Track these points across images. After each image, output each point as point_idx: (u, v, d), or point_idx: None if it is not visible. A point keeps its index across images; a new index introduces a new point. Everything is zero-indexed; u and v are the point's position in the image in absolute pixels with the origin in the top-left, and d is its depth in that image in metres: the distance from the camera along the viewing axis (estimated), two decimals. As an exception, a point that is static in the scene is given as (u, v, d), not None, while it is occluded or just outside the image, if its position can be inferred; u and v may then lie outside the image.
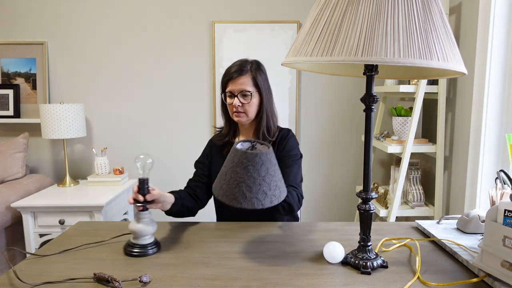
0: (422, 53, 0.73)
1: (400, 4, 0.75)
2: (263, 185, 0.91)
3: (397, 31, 0.73)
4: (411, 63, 0.71)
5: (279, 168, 0.98)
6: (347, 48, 0.73)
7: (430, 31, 0.75)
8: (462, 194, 1.78)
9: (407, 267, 0.91)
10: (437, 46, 0.75)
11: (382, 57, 0.71)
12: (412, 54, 0.72)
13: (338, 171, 2.66)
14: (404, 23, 0.74)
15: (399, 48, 0.72)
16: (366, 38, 0.73)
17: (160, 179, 2.68)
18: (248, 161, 0.91)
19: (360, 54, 0.72)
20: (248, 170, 0.91)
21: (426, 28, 0.75)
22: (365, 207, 0.92)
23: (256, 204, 0.90)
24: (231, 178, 0.92)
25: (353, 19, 0.75)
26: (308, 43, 0.78)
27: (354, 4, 0.76)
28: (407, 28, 0.74)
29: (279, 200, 0.93)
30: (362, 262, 0.89)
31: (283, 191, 0.96)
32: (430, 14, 0.77)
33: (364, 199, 0.92)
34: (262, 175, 0.91)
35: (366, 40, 0.72)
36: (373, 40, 0.72)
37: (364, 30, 0.73)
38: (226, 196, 0.92)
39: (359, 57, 0.72)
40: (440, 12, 0.79)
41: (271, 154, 0.94)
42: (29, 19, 2.53)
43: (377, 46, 0.72)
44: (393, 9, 0.74)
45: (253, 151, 0.92)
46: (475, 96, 1.64)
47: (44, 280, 0.86)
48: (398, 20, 0.74)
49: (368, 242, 0.92)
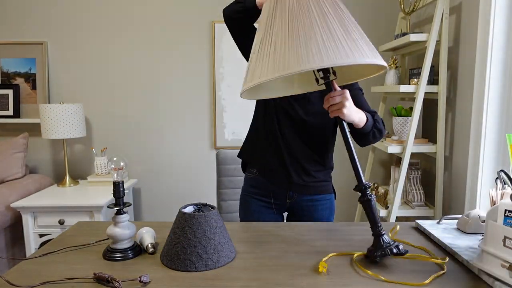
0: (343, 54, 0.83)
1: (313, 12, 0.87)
2: (198, 247, 0.91)
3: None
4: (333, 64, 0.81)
5: (224, 232, 0.96)
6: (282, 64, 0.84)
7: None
8: (462, 194, 1.78)
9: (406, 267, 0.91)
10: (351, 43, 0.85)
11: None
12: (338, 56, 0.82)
13: (338, 171, 2.66)
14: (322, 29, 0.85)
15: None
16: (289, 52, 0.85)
17: (160, 179, 2.68)
18: (185, 222, 0.93)
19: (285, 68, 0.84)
20: (185, 231, 0.92)
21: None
22: (365, 198, 0.94)
23: (189, 267, 0.90)
24: (171, 240, 0.94)
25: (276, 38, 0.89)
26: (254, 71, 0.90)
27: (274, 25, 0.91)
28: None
29: (216, 265, 0.91)
30: (387, 250, 0.90)
31: (224, 256, 0.93)
32: (341, 14, 0.88)
33: (361, 191, 0.95)
34: (198, 237, 0.91)
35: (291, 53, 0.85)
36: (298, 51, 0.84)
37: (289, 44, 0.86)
38: (165, 258, 0.94)
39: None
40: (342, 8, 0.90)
41: (211, 217, 0.94)
42: (29, 19, 2.53)
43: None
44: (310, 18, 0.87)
45: (191, 213, 0.93)
46: (475, 96, 1.64)
47: (44, 280, 0.85)
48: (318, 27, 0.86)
49: (382, 231, 0.92)
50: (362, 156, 2.65)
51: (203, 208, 1.02)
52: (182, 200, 2.71)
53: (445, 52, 1.83)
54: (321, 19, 0.85)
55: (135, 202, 2.71)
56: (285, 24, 0.86)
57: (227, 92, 2.56)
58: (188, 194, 2.70)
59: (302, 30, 0.84)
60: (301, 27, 0.84)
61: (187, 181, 2.68)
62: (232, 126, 2.60)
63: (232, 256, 0.96)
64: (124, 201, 1.01)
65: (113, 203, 1.00)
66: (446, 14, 1.81)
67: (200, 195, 2.70)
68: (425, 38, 1.85)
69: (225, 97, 2.57)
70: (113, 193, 0.99)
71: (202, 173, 2.67)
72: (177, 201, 2.71)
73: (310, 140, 1.30)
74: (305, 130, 1.29)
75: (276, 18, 0.89)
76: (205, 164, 2.67)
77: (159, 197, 2.71)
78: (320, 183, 1.36)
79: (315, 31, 0.84)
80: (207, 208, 1.02)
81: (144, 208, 2.72)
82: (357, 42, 0.85)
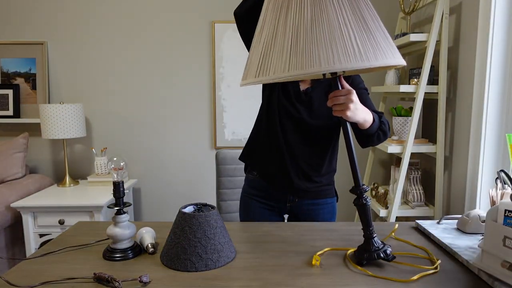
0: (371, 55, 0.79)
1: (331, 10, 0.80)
2: (198, 247, 0.91)
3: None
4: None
5: (224, 232, 0.96)
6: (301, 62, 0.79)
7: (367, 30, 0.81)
8: (462, 194, 1.78)
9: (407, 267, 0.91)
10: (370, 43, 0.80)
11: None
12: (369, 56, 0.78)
13: (338, 171, 2.66)
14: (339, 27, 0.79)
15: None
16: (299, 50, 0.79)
17: (160, 179, 2.68)
18: (185, 222, 0.93)
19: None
20: (185, 231, 0.92)
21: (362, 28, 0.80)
22: (360, 201, 0.94)
23: (189, 267, 0.90)
24: (171, 240, 0.94)
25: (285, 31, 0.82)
26: (267, 63, 0.84)
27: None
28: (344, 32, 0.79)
29: (216, 265, 0.91)
30: (374, 254, 0.90)
31: (224, 256, 0.94)
32: (360, 13, 0.81)
33: (357, 194, 0.94)
34: (198, 237, 0.91)
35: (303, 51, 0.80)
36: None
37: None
38: (165, 258, 0.94)
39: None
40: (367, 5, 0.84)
41: (211, 217, 0.94)
42: (29, 19, 2.53)
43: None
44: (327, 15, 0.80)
45: (191, 213, 0.93)
46: (475, 96, 1.64)
47: (44, 280, 0.85)
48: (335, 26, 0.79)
49: (373, 233, 0.93)
50: (362, 156, 2.65)
51: (203, 208, 1.02)
52: (182, 200, 2.71)
53: (445, 52, 1.83)
54: (350, 13, 0.80)
55: (135, 202, 2.71)
56: (307, 13, 0.80)
57: (227, 92, 2.56)
58: (188, 194, 2.70)
59: (327, 23, 0.78)
60: (325, 19, 0.78)
61: (187, 181, 2.69)
62: (232, 126, 2.60)
63: (232, 256, 0.96)
64: (124, 201, 1.01)
65: (113, 203, 1.00)
66: (446, 14, 1.81)
67: (200, 195, 2.70)
68: (425, 38, 1.85)
69: (225, 97, 2.57)
70: (113, 193, 0.99)
71: (202, 173, 2.67)
72: (177, 201, 2.71)
73: (314, 144, 1.27)
74: (309, 134, 1.26)
75: (295, 6, 0.81)
76: (205, 164, 2.67)
77: (159, 197, 2.71)
78: (323, 187, 1.34)
79: (342, 27, 0.78)
80: (207, 208, 1.02)
81: (144, 208, 2.72)
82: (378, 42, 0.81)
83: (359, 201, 0.94)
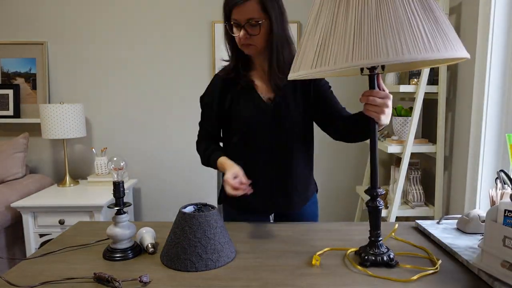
0: (428, 46, 0.73)
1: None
2: (198, 247, 0.91)
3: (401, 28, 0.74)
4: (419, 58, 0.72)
5: (224, 232, 0.96)
6: (360, 53, 0.74)
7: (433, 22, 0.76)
8: (462, 194, 1.78)
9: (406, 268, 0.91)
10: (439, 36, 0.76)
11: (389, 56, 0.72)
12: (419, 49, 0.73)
13: (338, 171, 2.66)
14: (406, 19, 0.75)
15: (402, 44, 0.73)
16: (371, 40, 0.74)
17: (160, 179, 2.68)
18: (185, 222, 0.93)
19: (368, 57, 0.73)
20: (185, 231, 0.92)
21: (428, 21, 0.76)
22: (374, 204, 0.93)
23: (189, 267, 0.90)
24: (171, 240, 0.94)
25: (347, 23, 0.77)
26: (324, 53, 0.79)
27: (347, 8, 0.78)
28: (409, 23, 0.75)
29: (216, 265, 0.91)
30: (378, 258, 0.90)
31: (224, 256, 0.93)
32: (427, 2, 0.78)
33: (372, 196, 0.93)
34: (198, 237, 0.91)
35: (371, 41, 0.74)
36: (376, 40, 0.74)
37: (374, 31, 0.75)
38: (165, 258, 0.94)
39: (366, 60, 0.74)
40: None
41: (211, 217, 0.94)
42: (29, 19, 2.53)
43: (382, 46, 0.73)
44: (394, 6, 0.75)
45: (191, 213, 0.93)
46: (475, 96, 1.64)
47: (44, 280, 0.85)
48: (401, 17, 0.75)
49: (379, 237, 0.93)
50: (362, 156, 2.65)
51: (203, 208, 1.02)
52: (182, 200, 2.71)
53: (445, 52, 1.82)
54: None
55: (135, 202, 2.71)
56: (371, 1, 0.76)
57: (227, 92, 2.56)
58: (188, 194, 2.70)
59: (394, 11, 0.74)
60: (391, 7, 0.75)
61: (187, 181, 2.69)
62: (232, 126, 2.60)
63: (232, 256, 0.96)
64: (124, 201, 1.01)
65: (113, 203, 1.00)
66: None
67: (200, 195, 2.70)
68: (425, 38, 1.85)
69: (225, 97, 2.57)
70: (113, 193, 0.99)
71: (202, 173, 2.67)
72: (177, 201, 2.71)
73: (290, 158, 1.25)
74: (282, 146, 1.24)
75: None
76: (205, 164, 2.66)
77: (159, 197, 2.71)
78: (304, 198, 1.33)
79: (409, 16, 0.75)
80: (207, 208, 1.02)
81: (144, 208, 2.72)
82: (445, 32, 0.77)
83: (373, 203, 0.93)
